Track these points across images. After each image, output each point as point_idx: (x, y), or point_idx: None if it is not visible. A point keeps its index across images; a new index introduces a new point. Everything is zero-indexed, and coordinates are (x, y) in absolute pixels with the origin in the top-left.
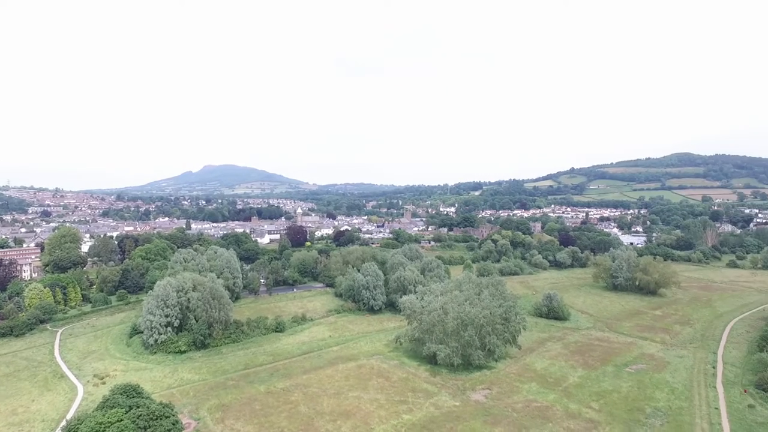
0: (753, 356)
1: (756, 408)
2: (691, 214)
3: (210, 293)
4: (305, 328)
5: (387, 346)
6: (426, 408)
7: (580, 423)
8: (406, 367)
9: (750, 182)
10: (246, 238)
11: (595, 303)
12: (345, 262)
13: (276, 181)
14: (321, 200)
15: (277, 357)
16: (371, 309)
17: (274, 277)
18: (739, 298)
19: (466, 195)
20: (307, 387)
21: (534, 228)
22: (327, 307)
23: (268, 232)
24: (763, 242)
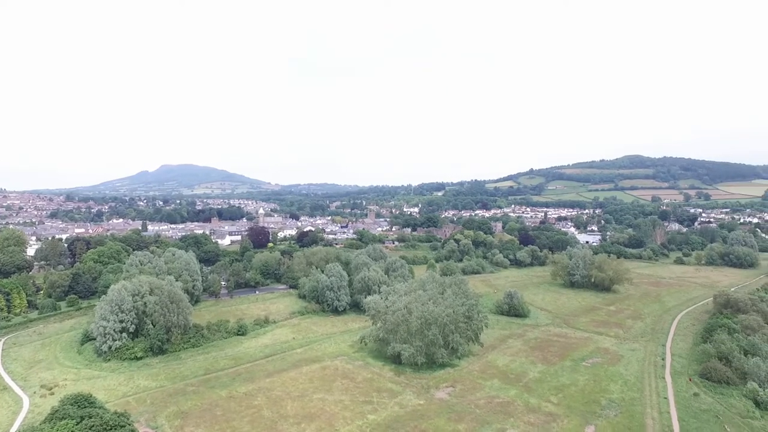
0: (698, 347)
1: (700, 396)
2: (642, 214)
3: (168, 297)
4: (268, 331)
5: (352, 346)
6: (391, 407)
7: (540, 416)
8: (371, 368)
9: (695, 183)
10: (206, 240)
11: (554, 300)
12: (309, 263)
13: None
14: (284, 201)
15: (239, 361)
16: (335, 310)
17: (236, 280)
18: (685, 293)
19: (430, 195)
20: (270, 390)
21: (495, 228)
22: (290, 308)
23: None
24: (707, 240)
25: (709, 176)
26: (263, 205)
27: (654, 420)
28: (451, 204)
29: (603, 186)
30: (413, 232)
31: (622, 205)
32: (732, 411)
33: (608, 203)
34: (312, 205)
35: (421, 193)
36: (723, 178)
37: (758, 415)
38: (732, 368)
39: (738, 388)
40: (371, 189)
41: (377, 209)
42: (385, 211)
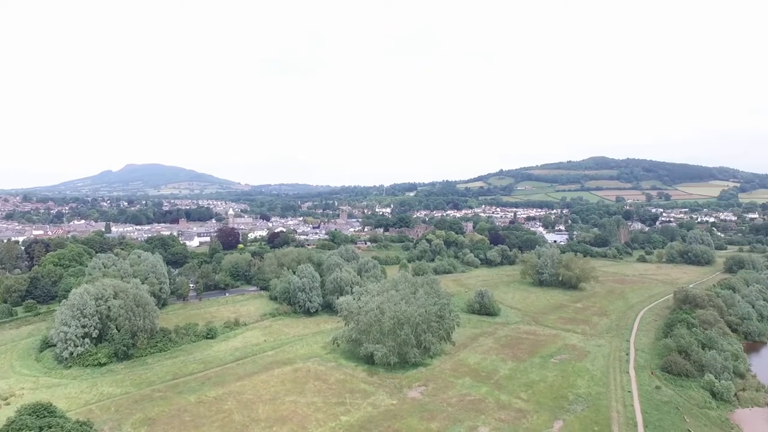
0: (659, 342)
1: (662, 389)
2: (607, 214)
3: (133, 300)
4: (238, 334)
5: (324, 348)
6: (364, 408)
7: (510, 413)
8: (344, 369)
9: (656, 184)
10: (173, 241)
11: (523, 298)
12: (280, 264)
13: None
14: (254, 201)
15: (208, 365)
16: (307, 311)
17: (205, 282)
18: (647, 290)
19: (402, 196)
20: (241, 394)
21: (466, 228)
22: (261, 310)
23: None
24: (667, 239)
25: (670, 177)
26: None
27: (619, 413)
28: (423, 204)
29: (570, 186)
30: (385, 233)
31: (588, 205)
32: (691, 402)
33: (575, 203)
34: (283, 206)
35: (393, 193)
36: (682, 179)
37: (714, 406)
38: (691, 361)
39: (696, 380)
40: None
41: (349, 210)
42: (357, 212)
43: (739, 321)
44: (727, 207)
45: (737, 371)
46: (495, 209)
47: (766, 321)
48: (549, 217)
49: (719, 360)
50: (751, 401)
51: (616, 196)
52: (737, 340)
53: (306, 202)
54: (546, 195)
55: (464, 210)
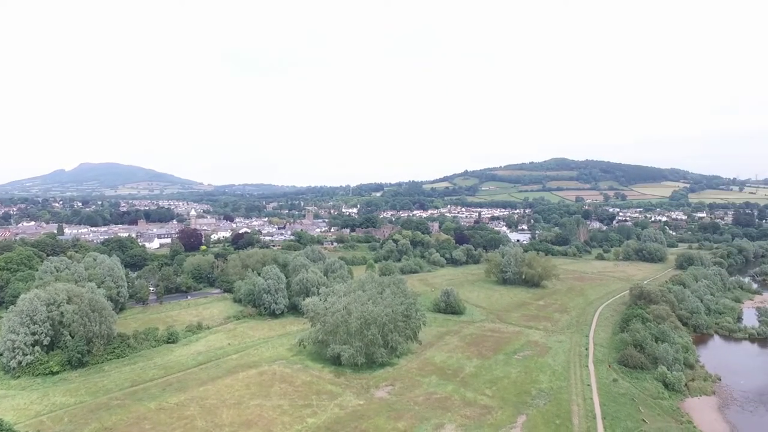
0: (616, 336)
1: (619, 381)
2: (567, 213)
3: (89, 305)
4: (201, 337)
5: (290, 350)
6: (331, 409)
7: (476, 409)
8: (310, 370)
9: (613, 185)
10: (132, 243)
11: (488, 296)
12: (244, 266)
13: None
14: (217, 201)
15: (169, 370)
16: (273, 313)
17: (166, 285)
18: (605, 287)
19: (368, 196)
20: (204, 399)
21: (432, 227)
22: (225, 313)
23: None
24: (624, 237)
25: (626, 178)
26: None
27: (579, 406)
28: (390, 204)
29: (532, 187)
30: (352, 233)
31: (549, 205)
32: (645, 393)
33: (537, 203)
34: (247, 206)
35: (359, 193)
36: (637, 180)
37: (667, 396)
38: (645, 354)
39: (650, 372)
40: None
41: (316, 210)
42: (323, 212)
43: (689, 315)
44: (677, 207)
45: (687, 362)
46: (460, 209)
47: (713, 314)
48: (512, 216)
49: (671, 352)
50: (700, 390)
51: (576, 196)
52: (687, 333)
53: (271, 203)
54: (509, 195)
55: (430, 210)
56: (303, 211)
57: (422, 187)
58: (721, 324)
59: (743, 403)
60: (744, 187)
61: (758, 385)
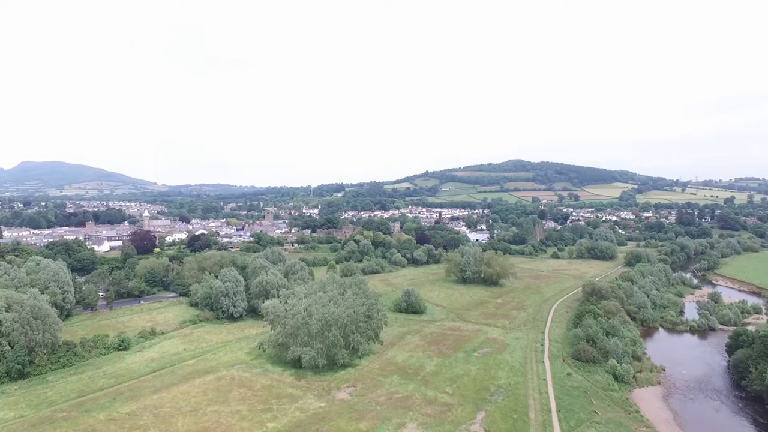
0: (570, 332)
1: (572, 375)
2: (524, 213)
3: (30, 312)
4: (155, 343)
5: (249, 354)
6: (291, 413)
7: (437, 407)
8: (270, 374)
9: (567, 186)
10: (79, 247)
11: (448, 296)
12: (201, 269)
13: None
14: (172, 202)
15: (120, 378)
16: (231, 317)
17: (117, 289)
18: (560, 284)
19: (329, 196)
20: (158, 408)
21: (393, 228)
22: (181, 318)
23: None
24: (577, 236)
25: (579, 179)
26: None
27: (535, 400)
28: (351, 205)
29: (491, 188)
30: (313, 234)
31: (507, 206)
32: (597, 386)
33: (495, 204)
34: (204, 207)
35: (320, 194)
36: (589, 181)
37: (617, 387)
38: (597, 348)
39: (602, 365)
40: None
41: (276, 211)
42: (283, 213)
43: (637, 309)
44: (626, 207)
45: (635, 355)
46: (421, 210)
47: (658, 308)
48: (472, 217)
49: (621, 346)
50: (647, 381)
51: (532, 196)
52: (635, 327)
53: (229, 204)
54: (469, 196)
55: (391, 210)
56: (262, 212)
57: (383, 187)
58: (665, 317)
59: (685, 392)
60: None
61: (698, 374)
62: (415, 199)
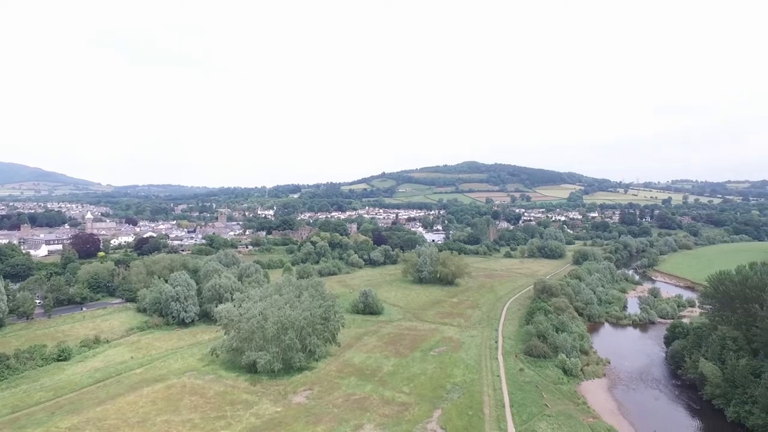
0: (522, 329)
1: (524, 370)
2: (478, 214)
3: None
4: (99, 352)
5: (201, 360)
6: (246, 419)
7: (394, 407)
8: (224, 380)
9: (519, 187)
10: (13, 251)
11: (405, 296)
12: (149, 273)
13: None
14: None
15: (60, 391)
16: (182, 322)
17: (56, 296)
18: (512, 283)
19: (285, 197)
20: (102, 420)
21: (350, 229)
22: (127, 324)
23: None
24: (528, 236)
25: (530, 181)
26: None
27: (489, 396)
28: (307, 206)
29: (446, 189)
30: (268, 236)
31: (462, 206)
32: (547, 380)
33: (451, 204)
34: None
35: (276, 195)
36: (540, 182)
37: (566, 381)
38: (547, 344)
39: (552, 360)
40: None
41: (229, 212)
42: (237, 214)
43: (584, 305)
44: (574, 207)
45: (582, 349)
46: (378, 210)
47: (604, 304)
48: (428, 217)
49: (569, 341)
50: (593, 374)
51: (486, 197)
52: (583, 323)
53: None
54: (425, 197)
55: (348, 212)
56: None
57: (340, 188)
58: (610, 313)
59: (628, 382)
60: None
61: (639, 365)
62: (372, 200)
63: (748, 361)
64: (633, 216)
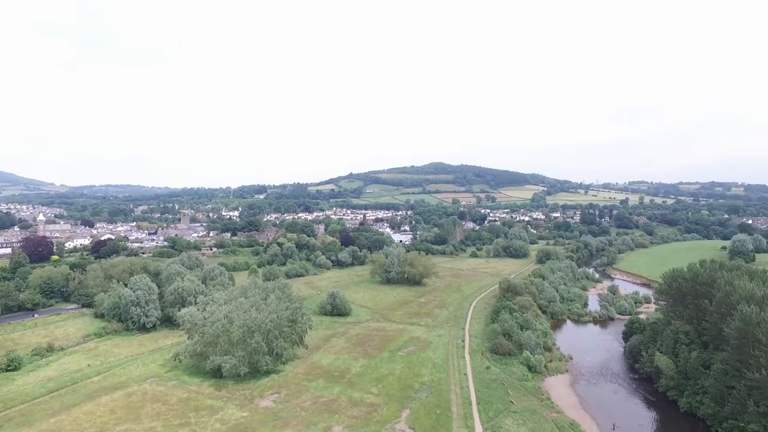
0: (488, 327)
1: (491, 368)
2: (445, 214)
3: None
4: (53, 361)
5: (164, 366)
6: (212, 425)
7: (363, 409)
8: (188, 386)
9: (484, 188)
10: None
11: (373, 297)
12: (108, 277)
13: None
14: (73, 205)
15: (9, 403)
16: (143, 327)
17: (5, 303)
18: (479, 282)
19: (251, 198)
20: None
21: (318, 230)
22: (84, 331)
23: None
24: (494, 236)
25: (495, 182)
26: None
27: (457, 395)
28: (274, 207)
29: (413, 189)
30: (234, 237)
31: (429, 207)
32: (513, 377)
33: (418, 205)
34: (112, 210)
35: (241, 195)
36: (504, 183)
37: (530, 377)
38: (512, 342)
39: (517, 357)
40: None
41: (192, 213)
42: (201, 216)
43: (547, 303)
44: (537, 208)
45: (546, 346)
46: (345, 211)
47: (566, 302)
48: (395, 218)
49: (533, 338)
50: (556, 370)
51: (452, 198)
52: (546, 320)
53: (140, 206)
54: (392, 197)
55: (316, 212)
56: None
57: (307, 189)
58: (572, 310)
59: (589, 377)
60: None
61: (599, 360)
62: (339, 200)
63: (699, 354)
64: (593, 216)
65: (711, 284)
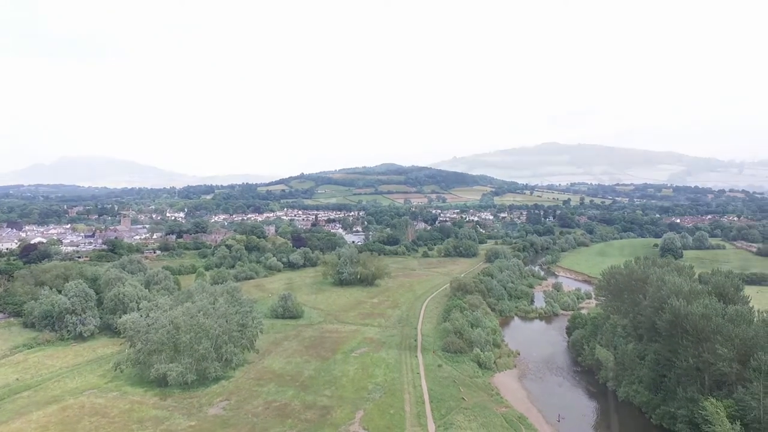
0: (440, 326)
1: (443, 366)
2: (397, 215)
3: None
4: None
5: (103, 376)
6: None
7: (316, 412)
8: (130, 396)
9: (435, 189)
10: None
11: (326, 298)
12: (39, 283)
13: None
14: None
15: None
16: (80, 336)
17: None
18: (430, 282)
19: (197, 199)
20: None
21: (268, 231)
22: (11, 342)
23: None
24: (445, 236)
25: (445, 183)
26: None
27: (410, 394)
28: (222, 208)
29: (366, 190)
30: (179, 239)
31: (381, 208)
32: (464, 374)
33: (370, 206)
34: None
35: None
36: (454, 184)
37: (480, 374)
38: (463, 339)
39: (468, 354)
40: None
41: (134, 215)
42: (144, 217)
43: (496, 301)
44: (486, 208)
45: (495, 343)
46: (297, 212)
47: (513, 299)
48: (348, 219)
49: (483, 336)
50: (505, 366)
51: (404, 198)
52: (495, 317)
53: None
54: (344, 198)
55: (266, 213)
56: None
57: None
58: (519, 307)
59: (535, 371)
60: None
61: (545, 355)
62: (290, 201)
63: (635, 346)
64: (538, 216)
65: (645, 280)
